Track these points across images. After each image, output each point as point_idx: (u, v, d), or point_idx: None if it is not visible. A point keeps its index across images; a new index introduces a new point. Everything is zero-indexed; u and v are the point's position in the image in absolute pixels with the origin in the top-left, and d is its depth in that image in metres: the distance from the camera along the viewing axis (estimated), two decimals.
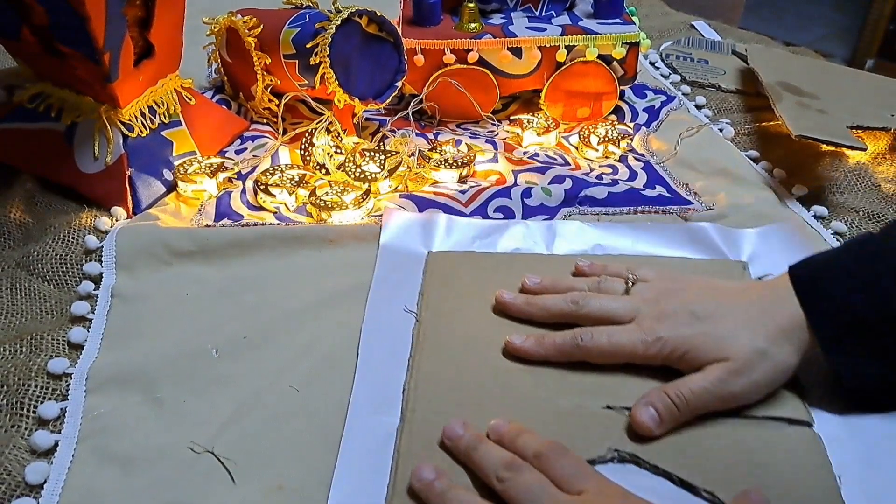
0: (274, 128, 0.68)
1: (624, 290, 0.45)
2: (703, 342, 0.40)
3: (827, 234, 0.56)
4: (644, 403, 0.39)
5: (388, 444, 0.39)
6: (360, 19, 0.60)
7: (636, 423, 0.38)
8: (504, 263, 0.51)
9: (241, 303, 0.49)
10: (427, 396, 0.41)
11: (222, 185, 0.59)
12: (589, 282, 0.47)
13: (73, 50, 0.52)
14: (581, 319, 0.44)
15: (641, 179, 0.62)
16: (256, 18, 0.65)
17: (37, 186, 0.59)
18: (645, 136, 0.70)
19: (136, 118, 0.58)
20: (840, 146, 0.61)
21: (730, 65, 0.85)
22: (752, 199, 0.60)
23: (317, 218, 0.56)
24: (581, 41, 0.68)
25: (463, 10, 0.68)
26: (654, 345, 0.41)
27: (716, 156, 0.65)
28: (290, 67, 0.62)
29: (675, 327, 0.41)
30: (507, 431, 0.38)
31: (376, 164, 0.60)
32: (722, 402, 0.39)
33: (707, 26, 0.98)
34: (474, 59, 0.67)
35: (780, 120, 0.64)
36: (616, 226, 0.55)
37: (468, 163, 0.61)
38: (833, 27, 2.28)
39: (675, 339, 0.41)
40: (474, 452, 0.37)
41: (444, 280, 0.49)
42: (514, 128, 0.68)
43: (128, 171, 0.57)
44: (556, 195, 0.58)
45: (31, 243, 0.53)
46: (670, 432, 0.39)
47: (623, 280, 0.46)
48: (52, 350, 0.45)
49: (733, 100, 0.78)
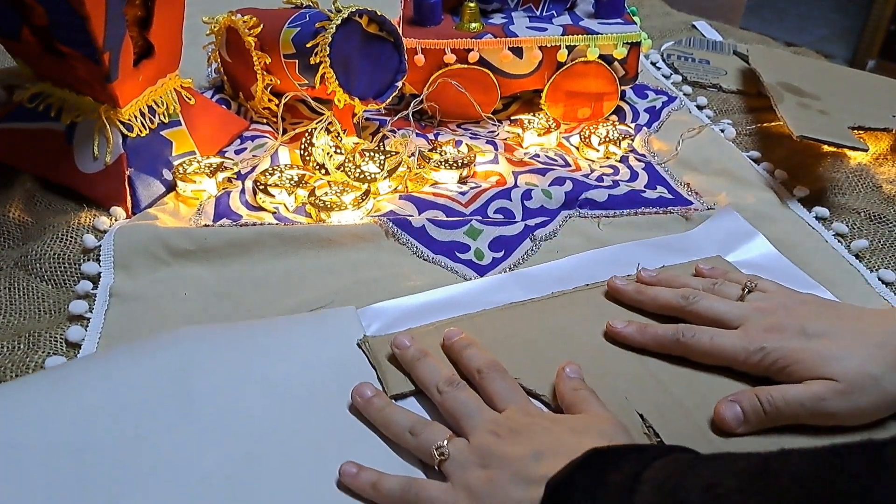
0: (274, 128, 0.68)
1: (739, 296, 0.45)
2: (809, 358, 0.39)
3: (828, 236, 0.56)
4: (731, 400, 0.39)
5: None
6: (361, 19, 0.60)
7: (719, 418, 0.38)
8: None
9: (240, 302, 0.49)
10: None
11: (222, 184, 0.59)
12: (705, 282, 0.47)
13: (73, 50, 0.52)
14: (688, 316, 0.44)
15: (642, 180, 0.62)
16: (256, 18, 0.64)
17: (37, 186, 0.59)
18: (646, 136, 0.69)
19: (136, 118, 0.58)
20: (841, 147, 0.60)
21: (731, 65, 0.85)
22: (752, 199, 0.59)
23: (316, 218, 0.56)
24: (582, 41, 0.68)
25: (463, 10, 0.68)
26: (756, 354, 0.40)
27: (717, 156, 0.65)
28: (290, 67, 0.62)
29: (782, 340, 0.40)
30: (457, 341, 0.42)
31: (376, 165, 0.60)
32: (814, 419, 0.38)
33: (708, 26, 0.98)
34: (475, 59, 0.67)
35: (781, 121, 0.63)
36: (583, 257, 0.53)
37: (468, 163, 0.61)
38: (834, 28, 2.28)
39: (779, 352, 0.39)
40: (418, 364, 0.41)
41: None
42: (514, 128, 0.68)
43: (127, 171, 0.57)
44: (557, 197, 0.58)
45: (29, 243, 0.53)
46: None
47: (741, 286, 0.45)
48: (50, 348, 0.45)
49: (735, 100, 0.77)
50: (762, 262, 0.52)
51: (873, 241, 0.55)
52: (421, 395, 0.41)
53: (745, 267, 0.50)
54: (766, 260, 0.52)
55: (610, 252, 0.53)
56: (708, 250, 0.53)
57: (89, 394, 0.39)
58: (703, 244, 0.53)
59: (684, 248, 0.53)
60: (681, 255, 0.52)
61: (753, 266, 0.51)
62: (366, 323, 0.45)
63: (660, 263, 0.50)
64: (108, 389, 0.40)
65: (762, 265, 0.51)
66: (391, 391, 0.41)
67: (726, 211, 0.56)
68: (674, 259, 0.51)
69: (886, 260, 0.54)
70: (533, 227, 0.55)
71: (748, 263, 0.51)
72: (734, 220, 0.55)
